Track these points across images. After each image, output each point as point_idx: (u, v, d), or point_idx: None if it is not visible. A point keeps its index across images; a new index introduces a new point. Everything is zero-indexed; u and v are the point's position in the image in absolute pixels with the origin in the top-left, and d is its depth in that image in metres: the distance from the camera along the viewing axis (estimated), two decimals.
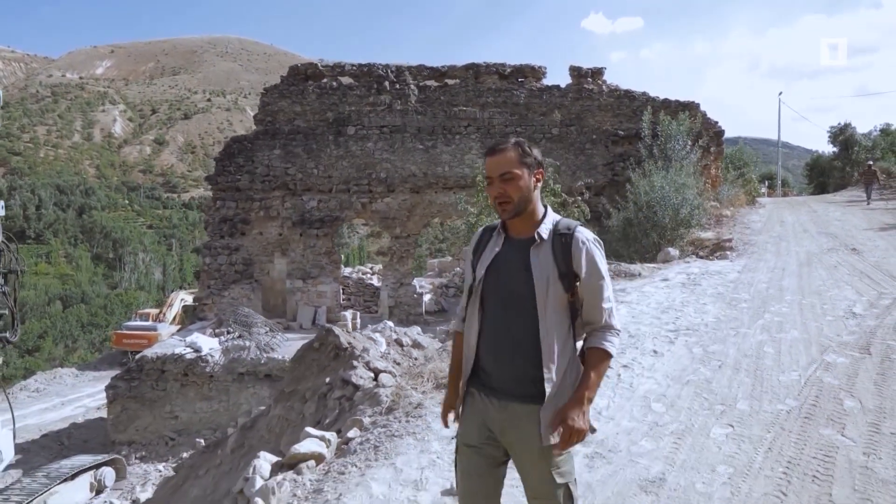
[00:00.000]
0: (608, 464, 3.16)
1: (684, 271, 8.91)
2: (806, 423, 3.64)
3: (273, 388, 13.63)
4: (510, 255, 2.02)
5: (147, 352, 14.39)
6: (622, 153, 16.46)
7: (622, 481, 2.98)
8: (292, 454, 3.53)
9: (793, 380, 4.36)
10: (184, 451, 13.43)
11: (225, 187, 16.96)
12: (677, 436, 3.49)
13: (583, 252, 1.95)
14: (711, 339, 5.42)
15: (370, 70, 17.04)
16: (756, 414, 3.80)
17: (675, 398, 4.08)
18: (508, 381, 1.98)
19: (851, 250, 10.21)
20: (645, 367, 4.69)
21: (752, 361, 4.81)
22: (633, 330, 5.71)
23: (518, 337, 1.96)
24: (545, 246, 1.98)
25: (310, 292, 16.80)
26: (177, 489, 6.02)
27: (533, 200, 2.01)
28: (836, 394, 4.07)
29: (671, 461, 3.18)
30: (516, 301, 1.97)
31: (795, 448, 3.31)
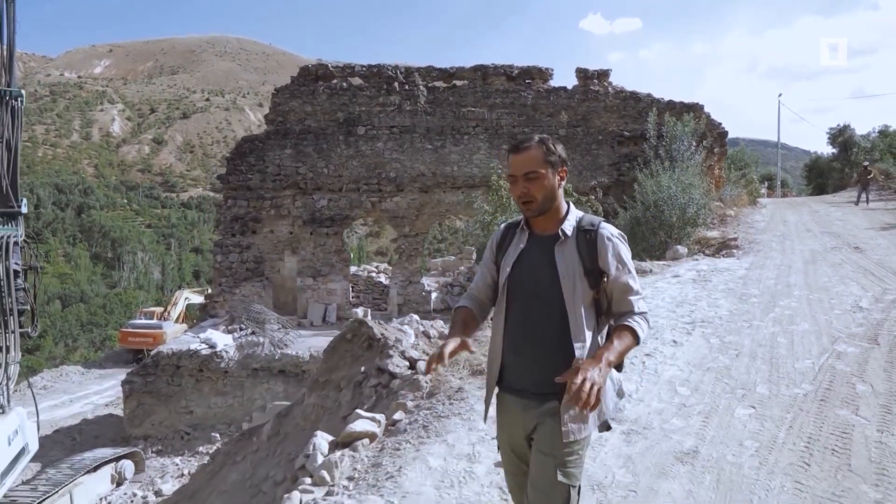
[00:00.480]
0: (644, 439, 3.45)
1: (694, 268, 9.20)
2: (822, 404, 3.92)
3: (287, 384, 13.92)
4: (535, 253, 2.01)
5: (162, 347, 14.65)
6: (627, 154, 16.76)
7: (659, 453, 3.26)
8: (347, 433, 3.81)
9: (807, 367, 4.64)
10: (199, 446, 13.70)
11: (236, 186, 17.22)
12: (704, 415, 3.78)
13: (608, 248, 1.95)
14: (727, 331, 5.71)
15: (380, 71, 17.31)
16: (775, 397, 4.08)
17: (698, 383, 4.36)
18: (532, 379, 1.97)
19: (854, 249, 10.50)
20: (667, 356, 4.97)
21: (767, 351, 5.09)
22: (652, 322, 5.94)
23: (544, 334, 1.95)
24: (569, 242, 1.98)
25: (320, 290, 17.07)
26: (214, 475, 6.29)
27: (557, 198, 2.01)
28: (848, 379, 4.35)
29: (701, 437, 3.46)
30: (542, 298, 1.96)
31: (814, 426, 3.60)
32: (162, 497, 10.76)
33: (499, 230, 2.19)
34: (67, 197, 74.40)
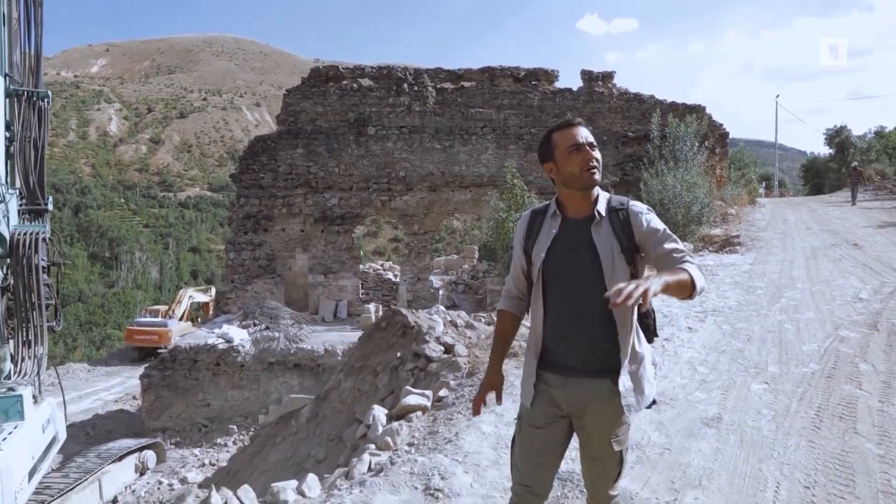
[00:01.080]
0: (672, 408, 3.86)
1: (700, 263, 9.62)
2: (829, 381, 4.34)
3: (302, 377, 14.31)
4: (571, 236, 2.03)
5: (180, 342, 15.02)
6: (631, 154, 17.19)
7: (687, 419, 3.68)
8: (401, 406, 4.21)
9: (813, 349, 5.06)
10: (217, 438, 14.06)
11: (249, 185, 17.60)
12: (723, 389, 4.19)
13: (641, 219, 1.99)
14: (737, 319, 6.13)
15: (389, 73, 17.71)
16: (786, 375, 4.49)
17: (714, 363, 4.78)
18: (578, 358, 2.00)
19: (853, 245, 10.94)
20: (684, 340, 5.39)
21: (776, 336, 5.51)
22: (667, 311, 6.40)
23: (588, 315, 1.97)
24: (604, 223, 2.00)
25: (331, 286, 17.46)
26: (254, 456, 6.67)
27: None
28: (851, 360, 4.77)
29: (723, 406, 3.88)
30: (584, 280, 1.98)
31: (822, 398, 4.01)
32: (188, 484, 11.13)
33: (524, 217, 2.20)
34: (64, 196, 74.36)
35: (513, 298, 2.21)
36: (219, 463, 12.54)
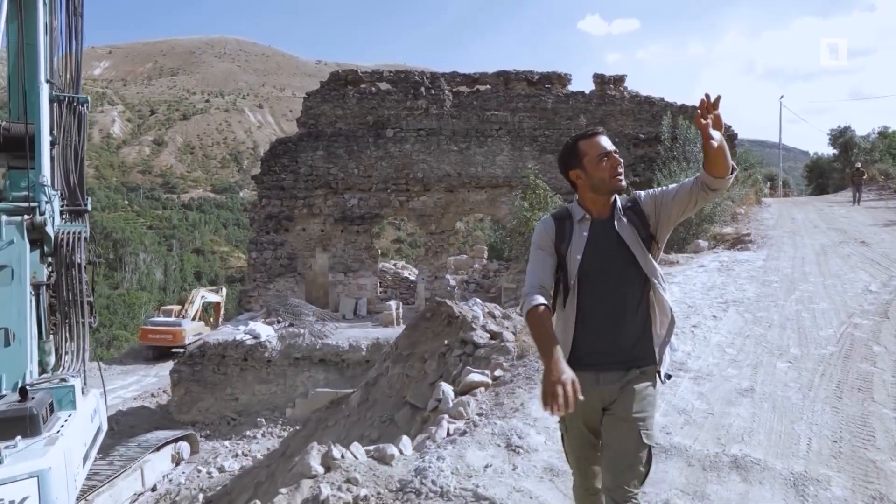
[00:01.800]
0: (709, 382, 4.36)
1: (716, 259, 10.13)
2: (846, 360, 4.84)
3: (327, 372, 14.83)
4: (603, 237, 2.16)
5: (208, 338, 15.54)
6: (643, 155, 17.69)
7: (724, 391, 4.18)
8: (466, 383, 4.72)
9: (829, 334, 5.56)
10: (246, 430, 14.57)
11: (270, 186, 18.12)
12: (752, 367, 4.69)
13: (649, 197, 2.20)
14: (756, 309, 6.63)
15: (407, 76, 18.23)
16: (806, 355, 5.00)
17: (741, 346, 5.28)
18: (616, 353, 2.13)
19: (860, 243, 11.43)
20: (710, 327, 5.89)
21: (794, 323, 6.01)
22: (691, 302, 6.91)
23: (630, 309, 2.12)
24: (624, 220, 2.17)
25: (351, 285, 17.97)
26: (308, 438, 7.17)
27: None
28: (865, 343, 5.27)
29: (753, 380, 4.38)
30: (622, 274, 2.12)
31: (841, 374, 4.52)
32: (225, 472, 11.65)
33: (548, 223, 2.28)
34: None
35: (544, 293, 2.19)
36: (251, 453, 13.06)
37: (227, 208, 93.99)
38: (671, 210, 2.16)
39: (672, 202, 2.14)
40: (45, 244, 10.02)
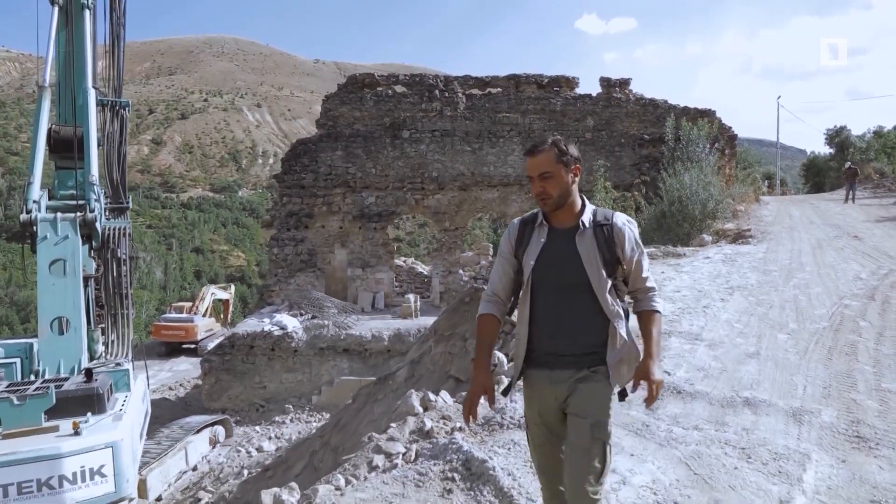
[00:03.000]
0: (721, 348, 5.20)
1: (720, 252, 10.97)
2: (836, 333, 5.68)
3: (351, 361, 15.66)
4: (558, 245, 2.20)
5: (238, 329, 16.36)
6: (647, 155, 18.53)
7: (734, 354, 5.02)
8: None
9: (823, 313, 6.41)
10: (275, 416, 15.37)
11: (291, 185, 18.94)
12: (757, 337, 5.54)
13: (624, 234, 2.19)
14: (759, 293, 7.47)
15: (421, 80, 19.06)
16: (803, 329, 5.84)
17: (746, 322, 6.12)
18: (567, 353, 2.17)
19: (853, 237, 12.29)
20: (719, 307, 6.73)
21: (792, 304, 6.85)
22: (700, 287, 7.75)
23: (577, 318, 2.15)
24: (588, 233, 2.18)
25: (368, 279, 18.80)
26: (359, 411, 8.00)
27: (572, 194, 2.22)
28: (854, 319, 6.12)
29: (758, 347, 5.23)
30: (572, 286, 2.16)
31: (832, 342, 5.36)
32: (263, 452, 12.47)
33: (513, 226, 2.35)
34: None
35: (495, 302, 2.31)
36: (282, 437, 13.88)
37: (226, 207, 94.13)
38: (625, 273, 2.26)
39: (626, 273, 2.24)
40: (93, 239, 10.94)
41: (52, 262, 9.98)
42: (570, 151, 2.21)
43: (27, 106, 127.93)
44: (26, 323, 49.56)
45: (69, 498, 7.64)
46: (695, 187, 14.04)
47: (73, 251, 10.09)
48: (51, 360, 9.55)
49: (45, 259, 9.94)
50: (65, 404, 8.43)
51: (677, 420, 3.74)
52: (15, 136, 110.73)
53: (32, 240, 10.63)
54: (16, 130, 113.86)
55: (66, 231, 10.06)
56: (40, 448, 7.83)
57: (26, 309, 51.29)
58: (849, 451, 3.28)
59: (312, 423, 14.36)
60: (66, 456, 7.75)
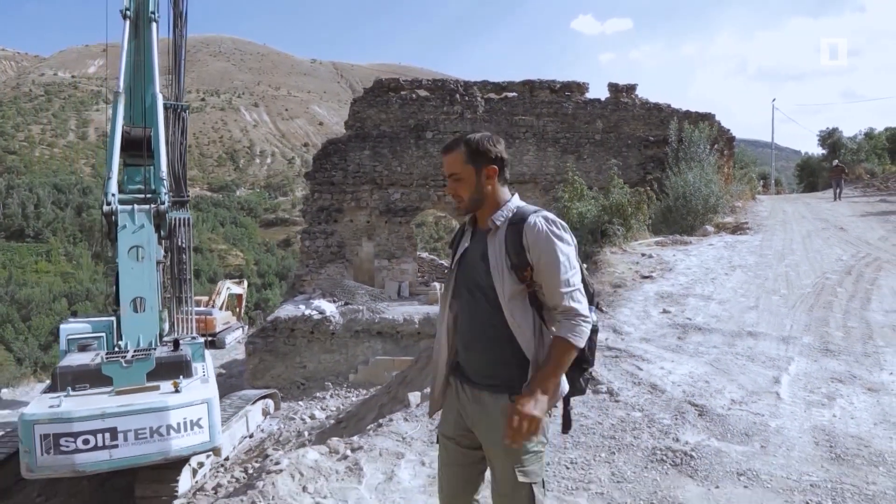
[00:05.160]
0: (728, 304, 6.72)
1: (721, 240, 12.51)
2: (818, 295, 7.20)
3: (384, 342, 17.15)
4: (474, 247, 2.07)
5: (280, 314, 17.82)
6: (652, 155, 20.07)
7: (738, 307, 6.54)
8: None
9: (808, 283, 7.94)
10: (316, 392, 16.82)
11: (321, 181, 20.40)
12: (756, 298, 7.06)
13: (535, 237, 1.92)
14: (756, 269, 9.00)
15: (443, 85, 20.55)
16: (791, 293, 7.36)
17: (747, 289, 7.65)
18: (479, 371, 2.02)
19: (839, 229, 13.85)
20: (724, 279, 8.25)
21: (783, 278, 8.38)
22: (707, 266, 9.27)
23: (485, 328, 1.98)
24: (499, 235, 2.00)
25: (394, 270, 20.27)
26: (422, 370, 9.48)
27: (487, 196, 2.04)
28: (832, 287, 7.64)
29: (757, 303, 6.75)
30: (480, 292, 2.00)
31: (814, 300, 6.88)
32: (315, 420, 13.92)
33: (460, 226, 2.24)
34: (67, 196, 75.70)
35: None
36: (328, 409, 15.33)
37: (225, 206, 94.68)
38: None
39: (537, 275, 1.95)
40: (161, 229, 12.57)
41: (130, 248, 11.53)
42: (485, 150, 2.03)
43: (24, 105, 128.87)
44: (28, 321, 50.72)
45: (175, 444, 9.22)
46: (697, 184, 15.58)
47: (148, 238, 11.62)
48: (131, 334, 11.08)
49: (125, 246, 11.48)
50: (159, 369, 10.04)
51: (700, 344, 5.26)
52: (12, 135, 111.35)
53: (110, 228, 12.22)
54: (13, 129, 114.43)
55: (142, 221, 11.60)
56: (151, 402, 9.42)
57: (27, 307, 52.36)
58: (819, 357, 4.80)
59: (350, 399, 15.81)
60: (172, 408, 9.35)
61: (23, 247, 66.37)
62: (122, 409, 8.87)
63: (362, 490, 3.05)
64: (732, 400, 3.92)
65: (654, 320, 6.05)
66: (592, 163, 19.85)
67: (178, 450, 9.16)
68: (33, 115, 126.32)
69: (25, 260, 64.48)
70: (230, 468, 12.35)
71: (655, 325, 5.83)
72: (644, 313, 6.27)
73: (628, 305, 6.66)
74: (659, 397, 4.00)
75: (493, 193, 2.06)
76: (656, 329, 5.70)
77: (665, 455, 3.24)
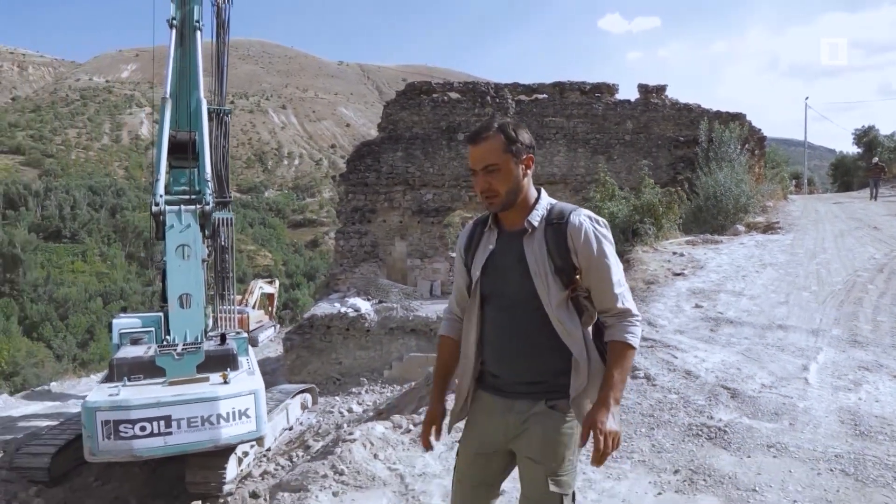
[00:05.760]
0: (760, 299, 6.97)
1: (752, 239, 12.66)
2: (848, 292, 7.40)
3: (418, 339, 17.58)
4: (505, 251, 1.91)
5: (317, 312, 18.39)
6: (682, 156, 20.17)
7: (769, 302, 6.79)
8: None
9: (839, 280, 8.12)
10: (351, 388, 17.32)
11: (355, 183, 20.93)
12: (786, 294, 7.29)
13: (580, 235, 1.82)
14: (787, 268, 9.18)
15: (474, 87, 20.94)
16: (822, 290, 7.56)
17: (777, 285, 7.87)
18: (520, 381, 1.90)
19: (873, 228, 13.86)
20: (755, 276, 8.47)
21: (815, 275, 8.57)
22: (738, 264, 9.48)
23: (529, 337, 1.87)
24: (537, 236, 1.86)
25: (426, 269, 20.72)
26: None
27: (523, 190, 1.90)
28: (863, 284, 7.82)
29: (787, 299, 6.98)
30: (519, 300, 1.87)
31: (844, 296, 7.09)
32: (353, 413, 14.40)
33: (468, 228, 2.08)
34: (101, 198, 77.68)
35: (454, 321, 2.11)
36: (364, 403, 15.80)
37: (253, 207, 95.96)
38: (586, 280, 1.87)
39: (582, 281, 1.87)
40: (205, 228, 13.17)
41: (178, 246, 12.14)
42: (521, 138, 1.89)
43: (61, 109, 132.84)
44: (65, 319, 52.33)
45: (224, 433, 9.75)
46: (728, 184, 15.70)
47: (194, 237, 12.22)
48: (179, 329, 11.67)
49: (173, 244, 12.09)
50: (208, 361, 10.60)
51: (732, 336, 5.55)
52: (50, 139, 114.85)
53: (158, 228, 12.87)
54: (51, 133, 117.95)
55: (189, 220, 12.20)
56: (203, 392, 9.98)
57: (64, 306, 54.04)
58: (847, 347, 5.06)
59: (385, 394, 16.27)
60: (222, 398, 9.88)
61: (60, 247, 68.45)
62: (175, 399, 9.42)
63: (427, 458, 3.43)
64: (763, 384, 4.23)
65: (686, 314, 6.35)
66: (622, 163, 20.02)
67: (228, 438, 9.69)
68: (69, 120, 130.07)
69: (62, 260, 66.53)
70: (272, 458, 12.90)
71: (688, 319, 6.12)
72: (677, 308, 6.56)
73: (661, 300, 6.94)
74: (693, 382, 4.32)
75: (528, 186, 1.95)
76: (689, 322, 5.99)
77: (700, 430, 3.56)
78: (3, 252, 58.10)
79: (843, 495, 2.77)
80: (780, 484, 2.90)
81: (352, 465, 3.29)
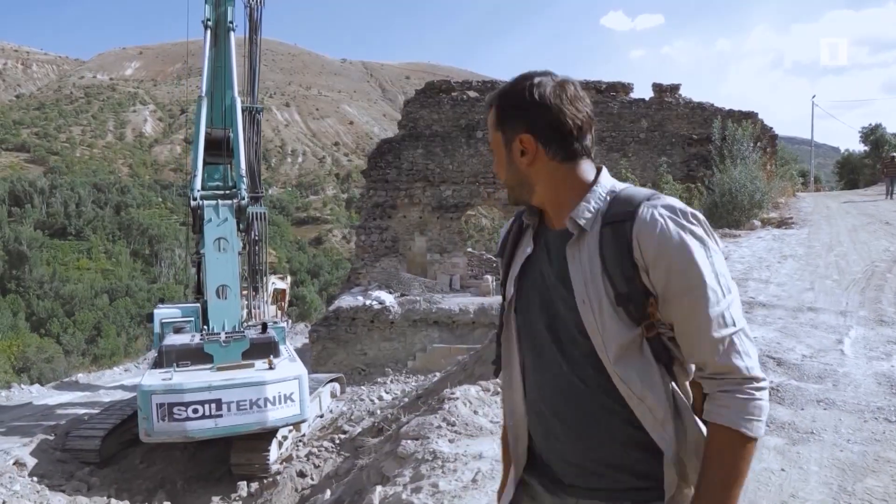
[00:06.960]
0: (786, 286, 7.51)
1: (769, 234, 13.19)
2: (868, 280, 7.93)
3: (441, 331, 18.16)
4: (544, 261, 1.28)
5: (342, 304, 18.96)
6: (695, 153, 20.70)
7: (796, 289, 7.33)
8: None
9: (858, 269, 8.65)
10: (376, 378, 17.88)
11: (376, 179, 21.50)
12: (810, 282, 7.83)
13: (652, 240, 1.14)
14: (807, 259, 9.73)
15: (493, 86, 21.44)
16: (843, 279, 8.09)
17: (801, 275, 8.41)
18: (571, 466, 1.26)
19: (885, 223, 14.37)
20: (777, 267, 9.01)
21: (834, 265, 9.11)
22: (759, 256, 10.02)
23: (575, 400, 1.22)
24: (588, 242, 1.20)
25: (445, 263, 21.27)
26: (489, 346, 10.42)
27: (531, 181, 1.29)
28: (882, 273, 8.35)
29: (812, 286, 7.52)
30: (562, 337, 1.23)
31: (865, 284, 7.62)
32: (383, 401, 14.96)
33: (506, 224, 1.44)
34: (106, 196, 78.14)
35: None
36: (391, 392, 16.36)
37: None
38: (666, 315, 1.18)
39: (665, 309, 1.17)
40: (240, 222, 13.80)
41: (215, 239, 12.75)
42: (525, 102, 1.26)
43: (65, 107, 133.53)
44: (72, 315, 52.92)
45: (271, 416, 10.36)
46: (743, 181, 16.22)
47: (230, 231, 12.82)
48: (217, 319, 12.28)
49: (211, 237, 12.70)
50: (251, 348, 11.22)
51: (766, 317, 6.09)
52: (55, 137, 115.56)
53: (195, 221, 13.50)
54: (55, 131, 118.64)
55: (226, 214, 12.81)
56: (251, 377, 10.60)
57: (70, 302, 54.61)
58: (875, 326, 5.61)
59: (410, 384, 16.82)
60: (269, 383, 10.51)
61: (65, 244, 69.05)
62: (225, 383, 10.03)
63: None
64: (803, 355, 4.77)
65: None
66: (637, 161, 20.55)
67: (274, 420, 10.30)
68: (74, 117, 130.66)
69: (68, 257, 67.12)
70: (308, 442, 13.49)
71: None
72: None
73: None
74: None
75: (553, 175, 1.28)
76: None
77: None
78: (10, 249, 58.73)
79: (889, 436, 3.31)
80: (834, 428, 3.45)
81: (459, 419, 3.84)
